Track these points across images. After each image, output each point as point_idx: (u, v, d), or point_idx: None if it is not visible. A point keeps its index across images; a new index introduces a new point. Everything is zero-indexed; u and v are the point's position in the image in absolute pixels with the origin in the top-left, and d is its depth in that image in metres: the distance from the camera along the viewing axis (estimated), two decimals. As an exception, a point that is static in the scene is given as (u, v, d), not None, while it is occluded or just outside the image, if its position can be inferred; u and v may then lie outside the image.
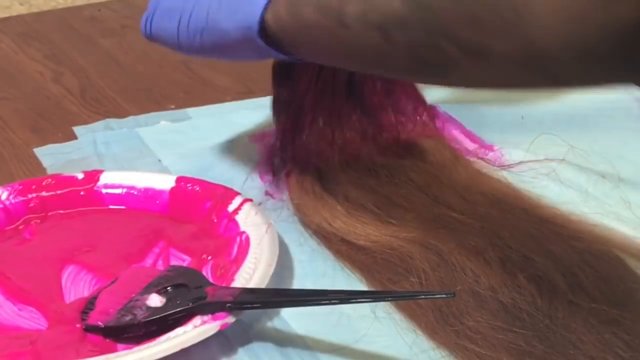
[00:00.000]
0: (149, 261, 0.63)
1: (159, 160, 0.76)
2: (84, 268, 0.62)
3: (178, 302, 0.56)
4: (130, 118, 0.84)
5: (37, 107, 0.88)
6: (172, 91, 0.92)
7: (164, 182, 0.69)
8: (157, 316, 0.55)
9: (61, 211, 0.68)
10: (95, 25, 1.11)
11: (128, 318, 0.56)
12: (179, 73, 0.97)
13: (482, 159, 0.74)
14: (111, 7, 1.17)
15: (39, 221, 0.67)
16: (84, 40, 1.07)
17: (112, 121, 0.84)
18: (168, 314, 0.55)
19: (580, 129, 0.81)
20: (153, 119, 0.84)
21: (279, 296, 0.57)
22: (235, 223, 0.64)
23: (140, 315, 0.56)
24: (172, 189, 0.68)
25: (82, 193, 0.68)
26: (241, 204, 0.65)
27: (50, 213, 0.68)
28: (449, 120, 0.80)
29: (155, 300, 0.56)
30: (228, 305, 0.54)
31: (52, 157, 0.77)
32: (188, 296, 0.56)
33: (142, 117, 0.85)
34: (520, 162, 0.73)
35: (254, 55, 0.62)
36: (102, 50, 1.03)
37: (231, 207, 0.65)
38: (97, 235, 0.65)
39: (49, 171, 0.75)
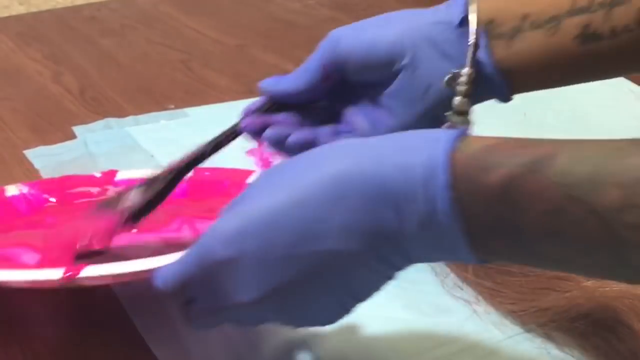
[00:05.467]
0: (173, 226, 0.63)
1: (152, 156, 0.77)
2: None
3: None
4: (130, 118, 0.84)
5: (37, 107, 0.88)
6: (172, 91, 0.92)
7: None
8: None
9: (82, 200, 0.68)
10: (94, 25, 1.11)
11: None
12: (178, 73, 0.97)
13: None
14: (111, 7, 1.17)
15: (60, 207, 0.67)
16: (83, 40, 1.06)
17: (111, 121, 0.84)
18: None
19: (582, 127, 0.81)
20: (153, 118, 0.84)
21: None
22: None
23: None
24: (190, 178, 0.68)
25: (100, 189, 0.68)
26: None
27: (72, 202, 0.68)
28: None
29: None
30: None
31: (44, 158, 0.77)
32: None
33: (142, 117, 0.85)
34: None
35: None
36: (102, 50, 1.03)
37: (250, 179, 0.66)
38: None
39: (43, 173, 0.75)
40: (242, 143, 0.79)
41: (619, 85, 0.89)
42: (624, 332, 0.51)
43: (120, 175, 0.69)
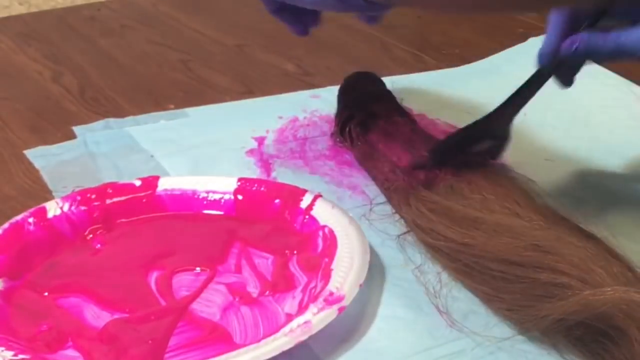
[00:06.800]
0: (231, 262, 0.62)
1: (152, 156, 0.77)
2: (172, 273, 0.61)
3: None
4: (130, 118, 0.84)
5: (37, 107, 0.88)
6: (172, 91, 0.92)
7: (226, 185, 0.68)
8: None
9: (125, 219, 0.66)
10: (94, 25, 1.11)
11: None
12: (178, 73, 0.97)
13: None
14: (110, 7, 1.17)
15: (105, 231, 0.65)
16: (83, 40, 1.06)
17: (111, 121, 0.83)
18: None
19: (582, 127, 0.81)
20: (152, 118, 0.84)
21: None
22: (313, 219, 0.64)
23: None
24: (236, 190, 0.68)
25: (144, 200, 0.67)
26: (313, 200, 0.65)
27: (115, 221, 0.66)
28: (437, 126, 0.79)
29: None
30: None
31: (44, 158, 0.77)
32: None
33: (141, 117, 0.85)
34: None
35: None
36: (102, 50, 1.03)
37: (304, 204, 0.65)
38: (170, 240, 0.64)
39: (43, 172, 0.74)
40: (242, 143, 0.79)
41: (620, 85, 0.89)
42: (620, 338, 0.51)
43: (163, 183, 0.68)
